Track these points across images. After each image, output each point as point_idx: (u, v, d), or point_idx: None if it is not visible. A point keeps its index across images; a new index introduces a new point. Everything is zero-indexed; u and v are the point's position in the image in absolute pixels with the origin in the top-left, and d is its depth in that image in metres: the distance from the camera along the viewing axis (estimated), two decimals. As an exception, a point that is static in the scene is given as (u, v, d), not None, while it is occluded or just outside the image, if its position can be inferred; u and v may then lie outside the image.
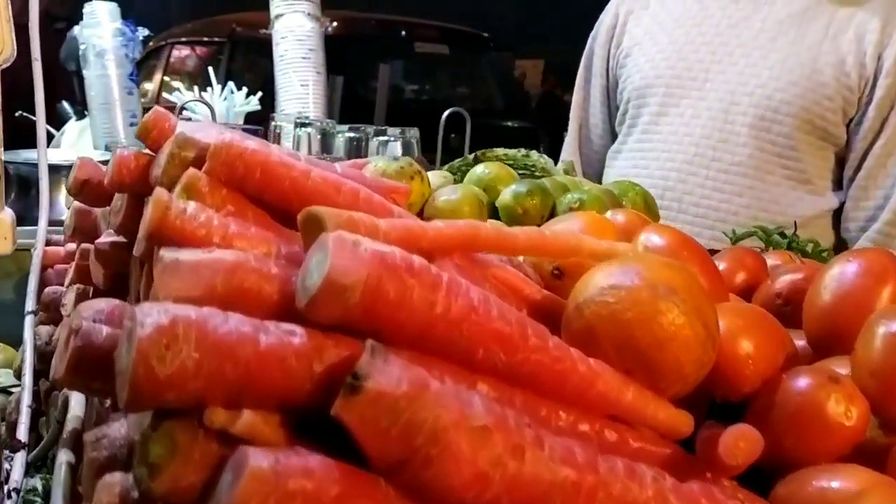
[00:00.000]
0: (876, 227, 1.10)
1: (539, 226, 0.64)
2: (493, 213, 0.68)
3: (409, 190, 0.59)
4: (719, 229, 1.15)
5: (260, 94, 1.61)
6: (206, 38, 5.05)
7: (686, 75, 1.21)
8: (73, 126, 2.06)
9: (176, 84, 5.30)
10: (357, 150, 1.31)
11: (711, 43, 1.20)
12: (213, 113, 1.47)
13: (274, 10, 1.67)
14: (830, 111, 1.12)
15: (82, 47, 1.46)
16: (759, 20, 1.17)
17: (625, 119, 1.31)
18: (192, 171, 0.48)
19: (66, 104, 2.19)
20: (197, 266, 0.39)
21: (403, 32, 4.59)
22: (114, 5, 1.46)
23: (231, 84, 1.55)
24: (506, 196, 0.65)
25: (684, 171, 1.19)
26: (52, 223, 0.84)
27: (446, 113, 1.25)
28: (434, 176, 0.67)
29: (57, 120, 2.19)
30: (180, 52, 5.30)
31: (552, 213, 0.66)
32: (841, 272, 0.52)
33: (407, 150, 1.21)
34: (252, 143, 0.51)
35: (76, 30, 2.29)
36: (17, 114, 2.24)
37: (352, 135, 1.30)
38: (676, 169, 1.20)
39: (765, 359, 0.46)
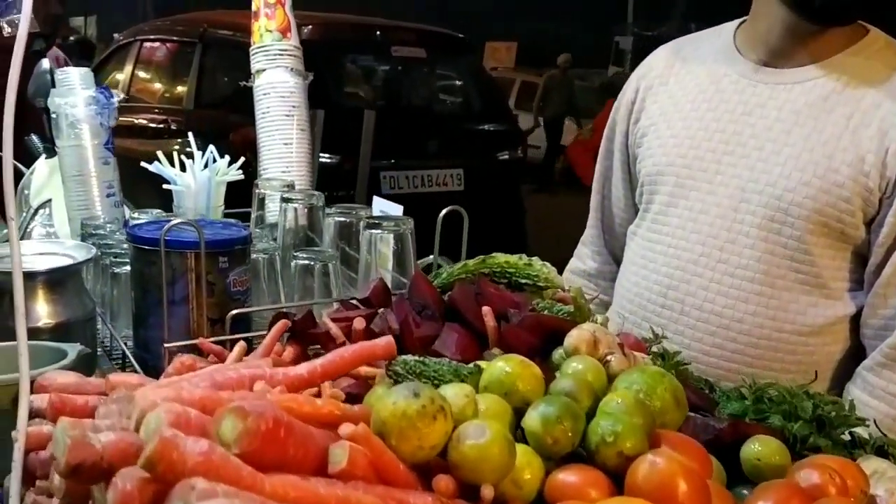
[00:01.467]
0: (890, 342, 1.03)
1: (571, 451, 0.60)
2: (516, 415, 0.64)
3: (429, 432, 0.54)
4: (721, 336, 1.11)
5: (242, 159, 1.54)
6: (175, 38, 4.91)
7: (696, 165, 1.14)
8: (42, 165, 1.97)
9: (145, 75, 5.19)
10: (347, 235, 1.26)
11: (725, 131, 1.13)
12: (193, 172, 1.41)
13: (255, 65, 1.60)
14: (847, 213, 1.04)
15: (54, 116, 1.38)
16: (776, 108, 1.10)
17: (641, 201, 1.25)
18: None
19: (35, 138, 2.10)
20: None
21: (380, 35, 4.50)
22: (87, 71, 1.38)
23: (212, 151, 1.48)
24: (534, 421, 0.60)
25: (689, 270, 1.13)
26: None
27: (443, 212, 1.19)
28: (454, 394, 0.61)
29: (26, 155, 2.10)
30: (151, 46, 5.17)
31: (583, 438, 0.61)
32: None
33: (401, 243, 1.15)
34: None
35: (44, 63, 2.20)
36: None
37: (342, 219, 1.25)
38: (681, 268, 1.14)
39: None
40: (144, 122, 4.67)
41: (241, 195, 1.52)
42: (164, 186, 1.42)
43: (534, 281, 1.01)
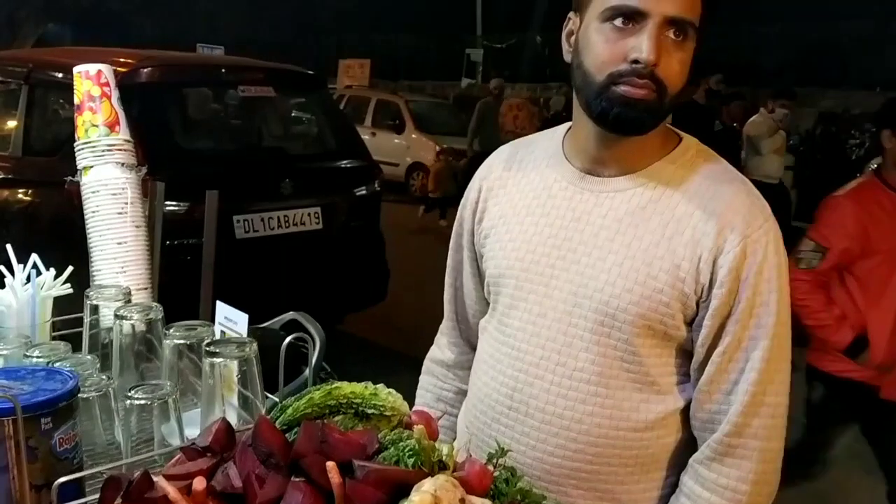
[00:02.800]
0: (716, 438, 1.10)
1: None
2: None
3: None
4: (563, 437, 1.15)
5: (70, 268, 1.45)
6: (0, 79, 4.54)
7: (533, 269, 1.18)
8: None
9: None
10: (191, 351, 1.21)
11: (557, 236, 1.17)
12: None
13: (82, 162, 1.51)
14: (668, 316, 1.10)
15: None
16: (600, 216, 1.14)
17: (489, 297, 1.27)
18: None
19: None
20: None
21: (225, 74, 4.36)
22: None
23: (35, 259, 1.37)
24: None
25: (531, 373, 1.17)
26: None
27: (287, 341, 1.17)
28: None
29: None
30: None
31: None
32: None
33: (246, 366, 1.12)
34: None
35: None
36: None
37: (181, 341, 1.20)
38: (524, 370, 1.18)
39: None
40: (-35, 170, 4.29)
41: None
42: (-19, 310, 1.30)
43: (380, 410, 1.02)
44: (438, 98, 16.09)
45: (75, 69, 1.55)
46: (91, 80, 1.52)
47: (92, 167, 1.50)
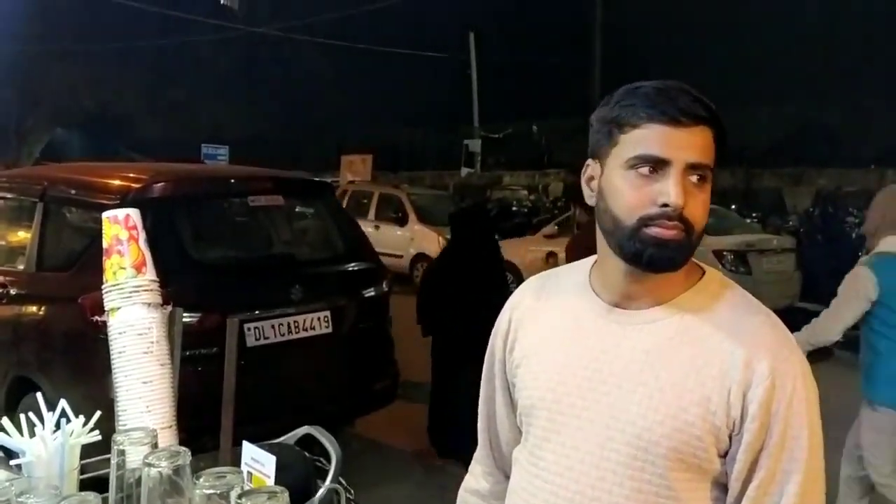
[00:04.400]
0: None
1: None
2: None
3: None
4: None
5: (98, 413, 1.47)
6: (13, 196, 4.65)
7: (565, 401, 1.19)
8: None
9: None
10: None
11: (587, 368, 1.18)
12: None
13: (109, 304, 1.55)
14: (701, 449, 1.10)
15: None
16: (629, 348, 1.16)
17: (521, 430, 1.29)
18: None
19: None
20: None
21: (235, 185, 4.48)
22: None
23: (64, 405, 1.40)
24: None
25: None
26: None
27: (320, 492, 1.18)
28: None
29: None
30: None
31: None
32: None
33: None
34: None
35: None
36: None
37: (210, 491, 1.21)
38: None
39: None
40: (-22, 285, 4.35)
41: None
42: (12, 462, 1.32)
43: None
44: (438, 189, 16.37)
45: (104, 214, 1.60)
46: (119, 225, 1.58)
47: (119, 308, 1.53)
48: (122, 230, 1.59)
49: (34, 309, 4.12)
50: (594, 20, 18.88)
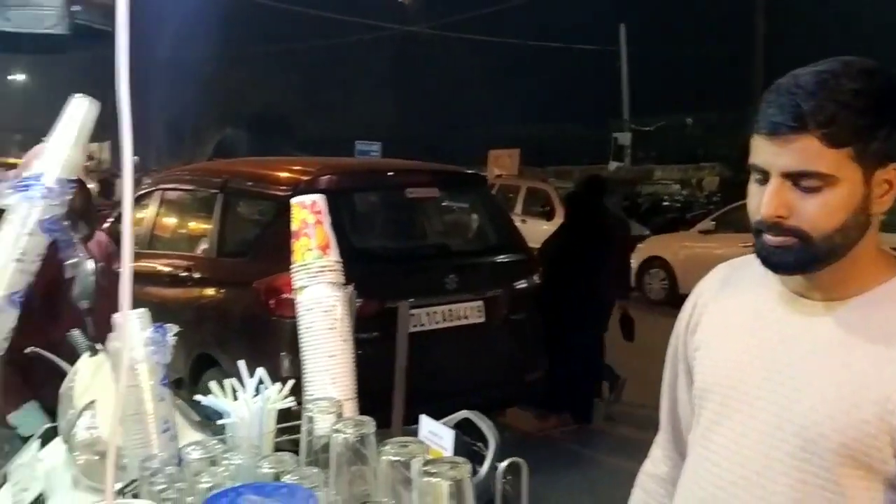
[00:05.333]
0: None
1: None
2: None
3: None
4: None
5: (292, 382, 1.59)
6: (197, 188, 5.08)
7: (740, 387, 1.19)
8: (86, 364, 2.01)
9: (168, 223, 5.35)
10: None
11: (764, 357, 1.17)
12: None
13: (297, 283, 1.67)
14: (874, 448, 1.06)
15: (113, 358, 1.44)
16: (810, 340, 1.14)
17: (696, 412, 1.30)
18: None
19: (77, 333, 2.14)
20: None
21: (393, 178, 4.65)
22: (144, 311, 1.45)
23: (262, 374, 1.53)
24: None
25: (730, 492, 1.16)
26: None
27: (503, 465, 1.22)
28: None
29: (69, 353, 2.14)
30: (174, 195, 5.35)
31: None
32: None
33: (458, 490, 1.18)
34: None
35: (89, 265, 2.27)
36: (27, 350, 2.20)
37: (395, 458, 1.28)
38: (723, 488, 1.17)
39: None
40: (167, 269, 4.78)
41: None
42: (219, 422, 1.46)
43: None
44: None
45: (293, 200, 1.73)
46: (307, 209, 1.70)
47: (306, 287, 1.65)
48: (309, 214, 1.71)
49: (214, 291, 4.48)
50: (755, 2, 17.83)
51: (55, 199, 1.51)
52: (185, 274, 4.66)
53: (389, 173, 4.71)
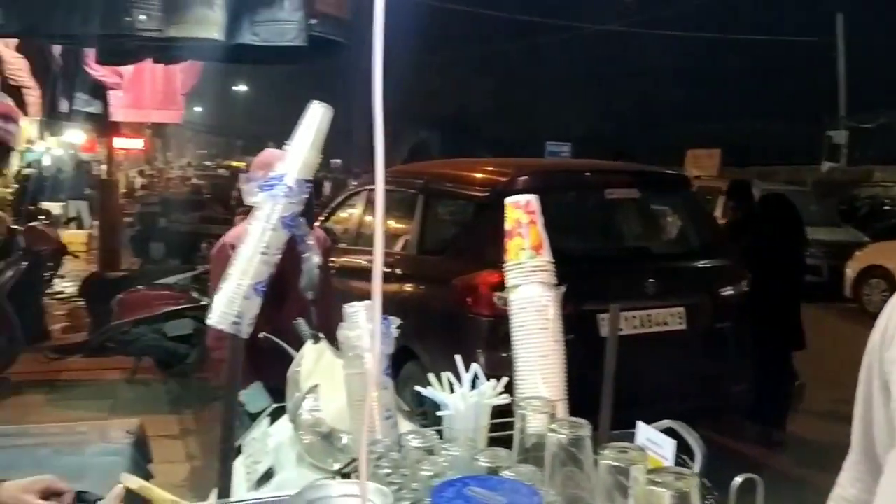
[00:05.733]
0: None
1: None
2: None
3: None
4: None
5: (505, 379, 1.61)
6: (400, 188, 5.31)
7: None
8: (310, 351, 2.15)
9: (372, 221, 5.65)
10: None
11: None
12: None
13: (511, 281, 1.69)
14: None
15: (342, 345, 1.53)
16: None
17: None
18: None
19: (302, 322, 2.31)
20: None
21: (592, 178, 4.58)
22: (370, 304, 1.52)
23: (477, 369, 1.56)
24: None
25: None
26: None
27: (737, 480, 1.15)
28: None
29: (293, 340, 2.31)
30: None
31: None
32: None
33: (680, 500, 1.13)
34: None
35: (315, 259, 2.45)
36: (260, 335, 2.41)
37: (615, 463, 1.25)
38: None
39: None
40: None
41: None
42: (438, 413, 1.51)
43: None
44: (795, 184, 15.00)
45: (507, 200, 1.75)
46: (521, 209, 1.71)
47: (519, 286, 1.66)
48: (522, 214, 1.72)
49: (414, 287, 4.66)
50: None
51: (295, 198, 1.64)
52: (387, 270, 4.89)
53: (587, 174, 4.64)
